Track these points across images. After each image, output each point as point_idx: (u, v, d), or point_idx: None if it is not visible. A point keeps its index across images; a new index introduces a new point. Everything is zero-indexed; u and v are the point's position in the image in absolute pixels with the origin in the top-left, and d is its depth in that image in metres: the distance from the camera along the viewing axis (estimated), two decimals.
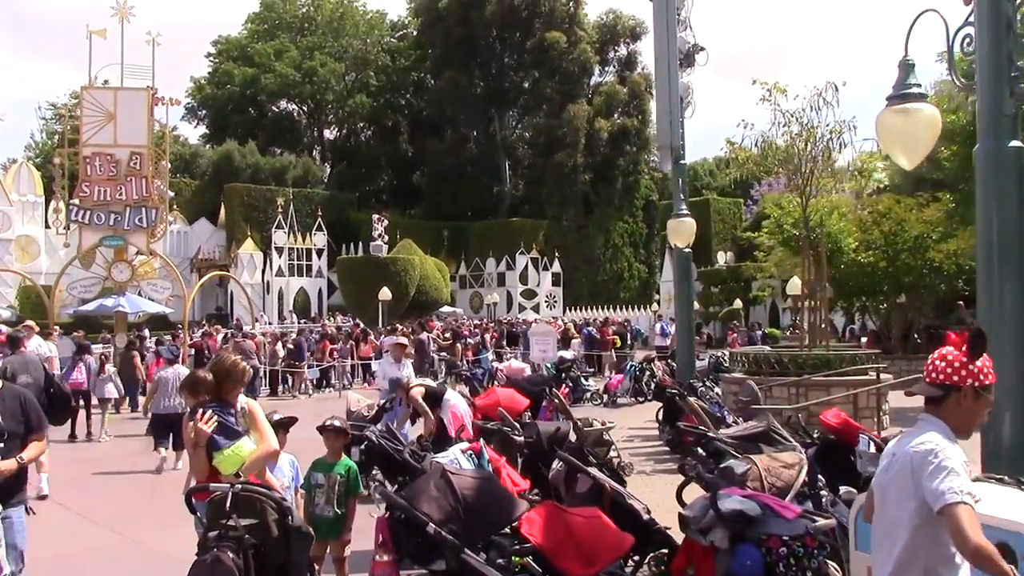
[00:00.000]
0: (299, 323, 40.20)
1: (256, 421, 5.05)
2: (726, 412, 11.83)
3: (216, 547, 4.18)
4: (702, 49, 17.32)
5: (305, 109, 66.23)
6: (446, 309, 44.34)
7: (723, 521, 4.74)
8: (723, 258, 50.87)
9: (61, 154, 24.23)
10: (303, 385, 23.39)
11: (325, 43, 63.98)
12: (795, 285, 25.24)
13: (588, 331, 30.30)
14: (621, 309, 51.67)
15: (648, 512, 5.75)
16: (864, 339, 28.49)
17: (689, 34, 16.52)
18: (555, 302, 54.13)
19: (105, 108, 21.25)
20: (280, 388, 23.55)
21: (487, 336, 30.42)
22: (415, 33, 65.22)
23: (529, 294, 53.19)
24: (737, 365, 14.71)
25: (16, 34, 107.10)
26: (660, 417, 14.11)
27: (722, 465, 5.92)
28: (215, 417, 4.79)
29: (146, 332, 22.97)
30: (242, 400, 5.19)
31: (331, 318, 41.75)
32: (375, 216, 40.30)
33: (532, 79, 61.22)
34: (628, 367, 19.87)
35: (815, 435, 7.33)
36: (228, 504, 4.35)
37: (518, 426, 8.21)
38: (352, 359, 25.19)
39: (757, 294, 45.56)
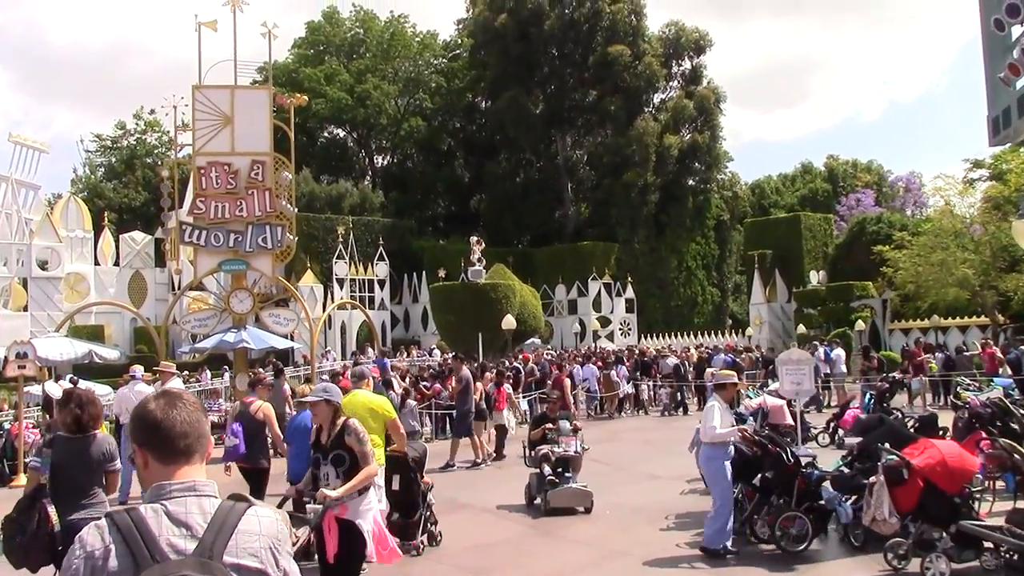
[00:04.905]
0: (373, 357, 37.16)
1: None
2: None
3: None
4: None
5: (356, 135, 63.45)
6: (530, 341, 41.04)
7: None
8: (815, 278, 47.45)
9: (169, 165, 21.12)
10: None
11: (376, 66, 61.29)
12: None
13: (730, 358, 27.00)
14: (698, 335, 48.38)
15: None
16: None
17: None
18: (629, 329, 50.78)
19: (221, 110, 18.09)
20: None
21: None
22: (467, 54, 62.48)
23: (603, 321, 49.84)
24: None
25: (33, 78, 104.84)
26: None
27: None
28: None
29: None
30: None
31: (402, 353, 38.66)
32: (473, 239, 37.12)
33: (594, 96, 58.24)
34: (866, 400, 16.54)
35: None
36: None
37: None
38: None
39: (860, 315, 42.13)
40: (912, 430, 10.39)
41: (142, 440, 2.59)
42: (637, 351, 30.51)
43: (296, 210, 19.94)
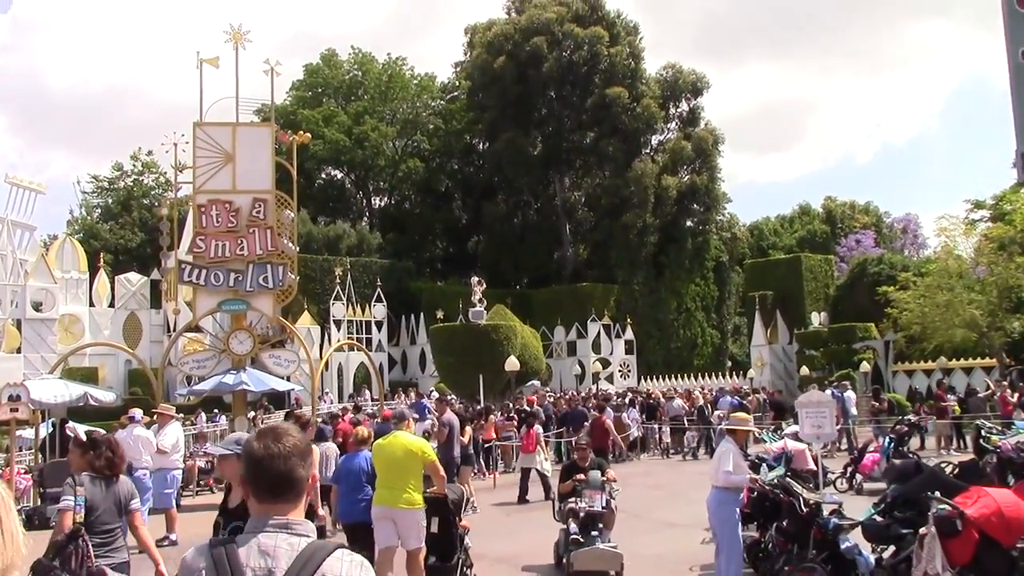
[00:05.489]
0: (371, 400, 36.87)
1: None
2: None
3: None
4: None
5: (353, 176, 63.35)
6: (530, 383, 40.51)
7: None
8: (817, 319, 47.06)
9: (169, 204, 20.74)
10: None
11: (374, 108, 61.33)
12: None
13: (736, 400, 26.56)
14: (698, 377, 47.86)
15: None
16: None
17: None
18: (629, 372, 50.28)
19: (222, 147, 17.75)
20: None
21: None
22: (465, 96, 62.61)
23: (603, 363, 49.34)
24: None
25: (30, 121, 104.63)
26: None
27: None
28: None
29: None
30: None
31: (400, 396, 38.17)
32: (474, 279, 36.77)
33: (592, 137, 58.34)
34: (885, 443, 16.06)
35: None
36: None
37: None
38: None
39: (863, 356, 41.68)
40: (952, 476, 9.92)
41: (244, 475, 2.75)
42: (643, 394, 30.01)
43: (297, 249, 19.53)
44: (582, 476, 11.38)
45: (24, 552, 2.34)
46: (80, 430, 7.51)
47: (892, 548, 9.16)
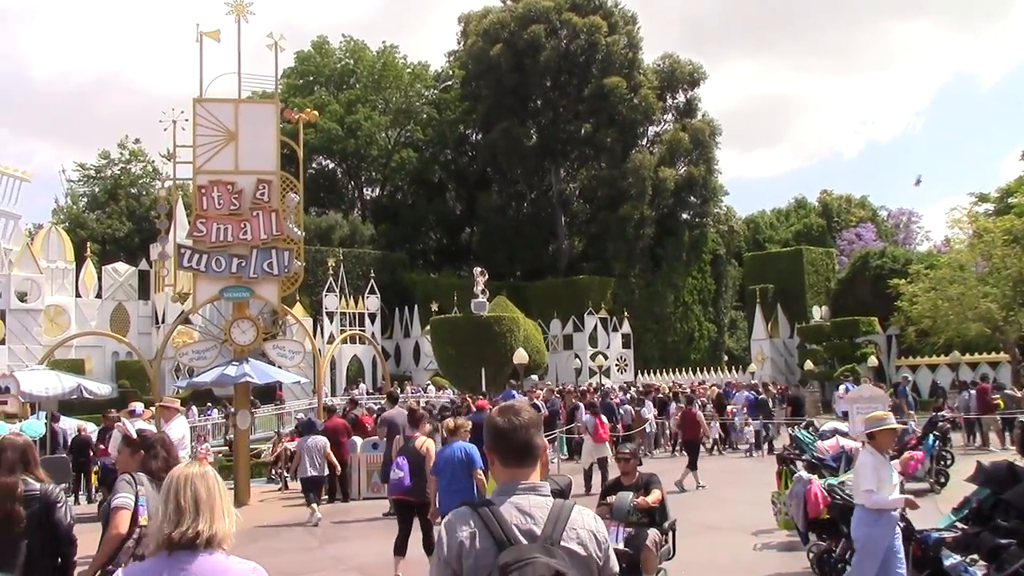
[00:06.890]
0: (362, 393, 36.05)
1: None
2: None
3: None
4: None
5: (345, 166, 62.19)
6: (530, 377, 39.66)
7: None
8: (818, 313, 46.37)
9: (168, 188, 19.65)
10: None
11: (366, 97, 60.19)
12: None
13: (751, 395, 25.75)
14: (695, 372, 47.11)
15: None
16: None
17: None
18: (626, 366, 49.43)
19: (224, 125, 16.72)
20: None
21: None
22: (458, 85, 61.54)
23: (602, 357, 48.44)
24: None
25: (14, 111, 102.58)
26: None
27: None
28: None
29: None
30: None
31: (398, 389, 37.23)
32: (477, 270, 35.78)
33: (589, 128, 57.37)
34: (929, 441, 15.23)
35: None
36: None
37: None
38: None
39: (866, 351, 41.04)
40: None
41: (490, 445, 3.14)
42: (653, 389, 29.17)
43: (303, 234, 18.51)
44: (613, 498, 8.82)
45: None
46: (130, 427, 6.56)
47: (977, 559, 8.31)
